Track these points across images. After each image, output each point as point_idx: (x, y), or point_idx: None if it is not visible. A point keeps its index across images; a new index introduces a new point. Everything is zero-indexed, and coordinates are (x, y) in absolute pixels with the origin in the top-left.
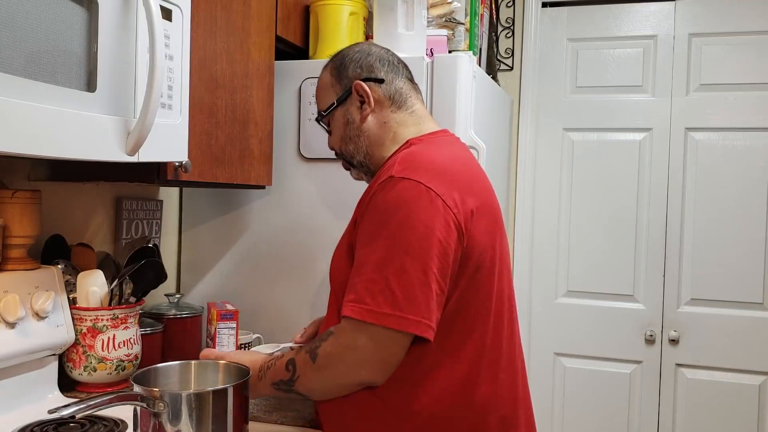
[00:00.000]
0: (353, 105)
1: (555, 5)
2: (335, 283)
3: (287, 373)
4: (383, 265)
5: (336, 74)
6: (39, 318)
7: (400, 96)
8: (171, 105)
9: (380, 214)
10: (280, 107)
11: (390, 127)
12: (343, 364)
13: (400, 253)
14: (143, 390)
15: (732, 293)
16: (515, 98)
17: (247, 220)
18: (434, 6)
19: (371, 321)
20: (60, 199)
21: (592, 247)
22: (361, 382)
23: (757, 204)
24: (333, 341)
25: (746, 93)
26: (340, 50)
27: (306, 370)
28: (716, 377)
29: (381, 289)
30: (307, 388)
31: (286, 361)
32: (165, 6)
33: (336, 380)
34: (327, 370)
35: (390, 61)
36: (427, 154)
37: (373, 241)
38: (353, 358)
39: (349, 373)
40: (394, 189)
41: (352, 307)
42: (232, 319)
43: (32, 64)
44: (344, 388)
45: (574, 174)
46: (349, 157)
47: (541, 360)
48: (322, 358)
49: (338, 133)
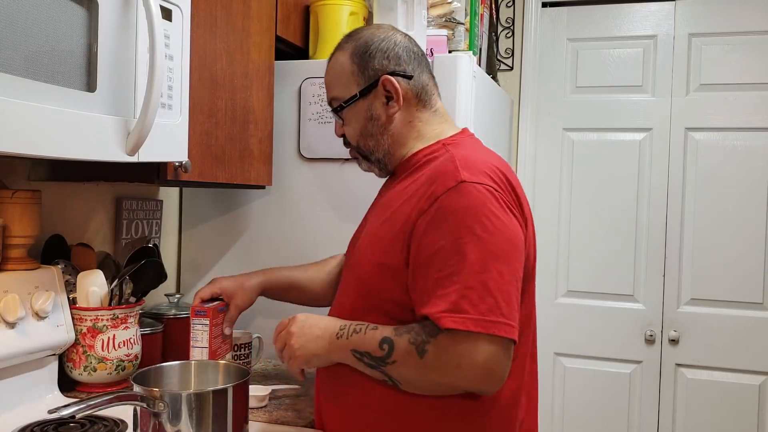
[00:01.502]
0: (378, 100)
1: (555, 5)
2: (360, 270)
3: (380, 350)
4: (478, 272)
5: (359, 62)
6: (39, 318)
7: (426, 93)
8: (171, 105)
9: (460, 219)
10: (280, 107)
11: (415, 126)
12: (458, 370)
13: (492, 259)
14: (143, 390)
15: (732, 293)
16: (515, 98)
17: (247, 220)
18: (434, 6)
19: (478, 330)
20: (60, 199)
21: (592, 247)
22: (467, 389)
23: (757, 204)
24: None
25: (746, 93)
26: (356, 31)
27: (409, 361)
28: (716, 377)
29: (481, 297)
30: (403, 376)
31: (380, 338)
32: (165, 6)
33: (441, 381)
34: (436, 371)
35: (416, 52)
36: (481, 158)
37: (457, 247)
38: (467, 365)
39: (459, 380)
40: (470, 193)
41: (454, 319)
42: (205, 316)
43: (32, 64)
44: (446, 390)
45: (574, 174)
46: (366, 152)
47: (541, 360)
48: (432, 357)
49: (357, 127)
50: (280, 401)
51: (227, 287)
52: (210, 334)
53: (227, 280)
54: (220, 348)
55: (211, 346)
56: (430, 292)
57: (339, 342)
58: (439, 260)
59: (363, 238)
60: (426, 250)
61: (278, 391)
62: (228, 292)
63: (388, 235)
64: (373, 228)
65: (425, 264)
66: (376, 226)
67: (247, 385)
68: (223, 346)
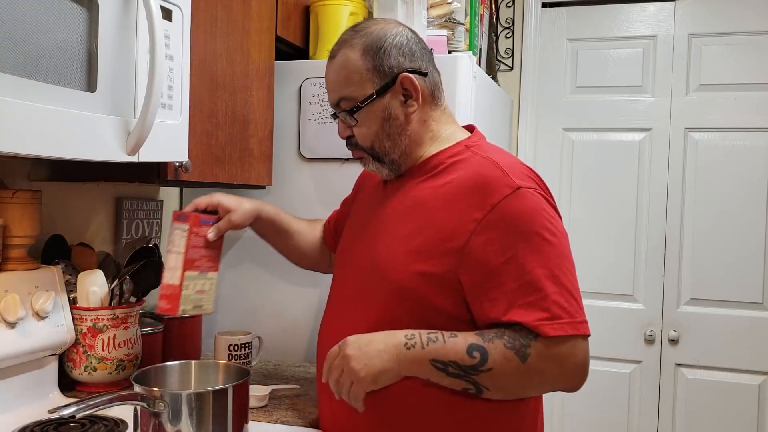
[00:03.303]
0: (396, 99)
1: (555, 5)
2: (393, 277)
3: (471, 359)
4: (557, 276)
5: (372, 59)
6: (39, 318)
7: (438, 91)
8: (171, 105)
9: (526, 225)
10: (280, 107)
11: (429, 125)
12: (561, 370)
13: (564, 259)
14: (143, 390)
15: (732, 293)
16: (515, 98)
17: None
18: (434, 6)
19: (573, 333)
20: (60, 199)
21: (592, 247)
22: (563, 389)
23: (757, 204)
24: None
25: (746, 93)
26: (362, 26)
27: (508, 367)
28: (716, 377)
29: (567, 300)
30: (497, 384)
31: (466, 345)
32: (165, 6)
33: (540, 384)
34: (539, 375)
35: (425, 48)
36: (517, 162)
37: (530, 254)
38: (569, 365)
39: (559, 380)
40: (528, 199)
41: (553, 326)
42: (185, 221)
43: (32, 64)
44: (535, 392)
45: (574, 174)
46: (381, 153)
47: None
48: (535, 361)
49: (373, 127)
50: (280, 401)
51: (225, 201)
52: (188, 241)
53: (227, 196)
54: (200, 261)
55: (188, 255)
56: (512, 302)
57: (411, 353)
58: (514, 269)
59: (388, 243)
60: (494, 259)
61: (278, 391)
62: (225, 205)
63: (429, 241)
64: (401, 233)
65: (497, 273)
66: (406, 231)
67: (247, 385)
68: (204, 260)
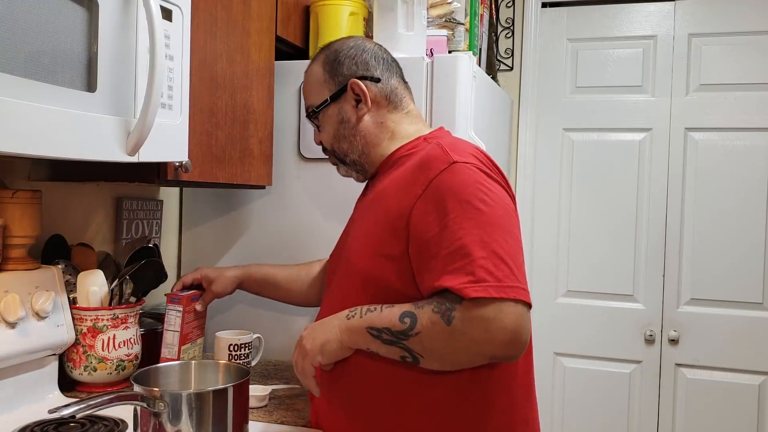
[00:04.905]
0: (348, 103)
1: (555, 5)
2: (356, 266)
3: (401, 324)
4: (487, 243)
5: (329, 69)
6: (39, 318)
7: (396, 96)
8: (171, 105)
9: (458, 196)
10: (280, 107)
11: (387, 126)
12: (487, 335)
13: (496, 228)
14: (143, 390)
15: (732, 293)
16: (515, 98)
17: (247, 220)
18: (434, 6)
19: (498, 295)
20: (60, 199)
21: (592, 247)
22: (494, 355)
23: (757, 204)
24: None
25: (746, 93)
26: (330, 43)
27: (434, 331)
28: (716, 377)
29: (496, 265)
30: (427, 348)
31: (399, 312)
32: (165, 6)
33: (468, 348)
34: (464, 338)
35: (384, 58)
36: (465, 144)
37: (461, 221)
38: (495, 329)
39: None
40: (462, 172)
41: (476, 288)
42: (179, 303)
43: (32, 64)
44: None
45: (574, 174)
46: (341, 155)
47: (541, 360)
48: (460, 324)
49: (330, 131)
50: (280, 401)
51: (208, 274)
52: (183, 319)
53: (209, 268)
54: (192, 332)
55: (183, 330)
56: (442, 269)
57: (351, 322)
58: (446, 237)
59: (354, 236)
60: (430, 230)
61: (278, 391)
62: (208, 278)
63: (383, 225)
64: (365, 225)
65: (432, 243)
66: (368, 222)
67: (247, 385)
68: (195, 331)
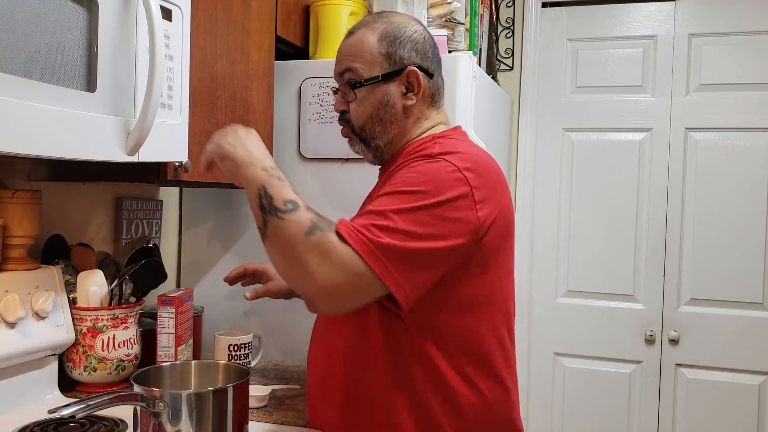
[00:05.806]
0: (398, 88)
1: (555, 5)
2: None
3: (283, 205)
4: (398, 213)
5: (387, 45)
6: (39, 318)
7: (438, 94)
8: (171, 105)
9: (411, 179)
10: (280, 107)
11: (420, 122)
12: (321, 259)
13: (419, 214)
14: (143, 390)
15: (732, 293)
16: (515, 98)
17: (247, 220)
18: (434, 6)
19: (357, 248)
20: (60, 199)
21: (592, 247)
22: (306, 293)
23: (757, 204)
24: (329, 238)
25: (746, 93)
26: (386, 14)
27: (293, 229)
28: (716, 377)
29: (385, 233)
30: (278, 236)
31: (291, 197)
32: (165, 6)
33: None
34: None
35: (437, 54)
36: (463, 148)
37: (398, 195)
38: (330, 263)
39: (312, 269)
40: (438, 163)
41: (349, 230)
42: (171, 304)
43: (32, 64)
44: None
45: (574, 174)
46: (368, 136)
47: (541, 360)
48: (314, 240)
49: (369, 110)
50: (280, 401)
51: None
52: (176, 320)
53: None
54: (185, 333)
55: (177, 332)
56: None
57: (261, 173)
58: (376, 201)
59: None
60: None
61: (278, 391)
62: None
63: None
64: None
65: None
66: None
67: (247, 385)
68: (188, 332)
